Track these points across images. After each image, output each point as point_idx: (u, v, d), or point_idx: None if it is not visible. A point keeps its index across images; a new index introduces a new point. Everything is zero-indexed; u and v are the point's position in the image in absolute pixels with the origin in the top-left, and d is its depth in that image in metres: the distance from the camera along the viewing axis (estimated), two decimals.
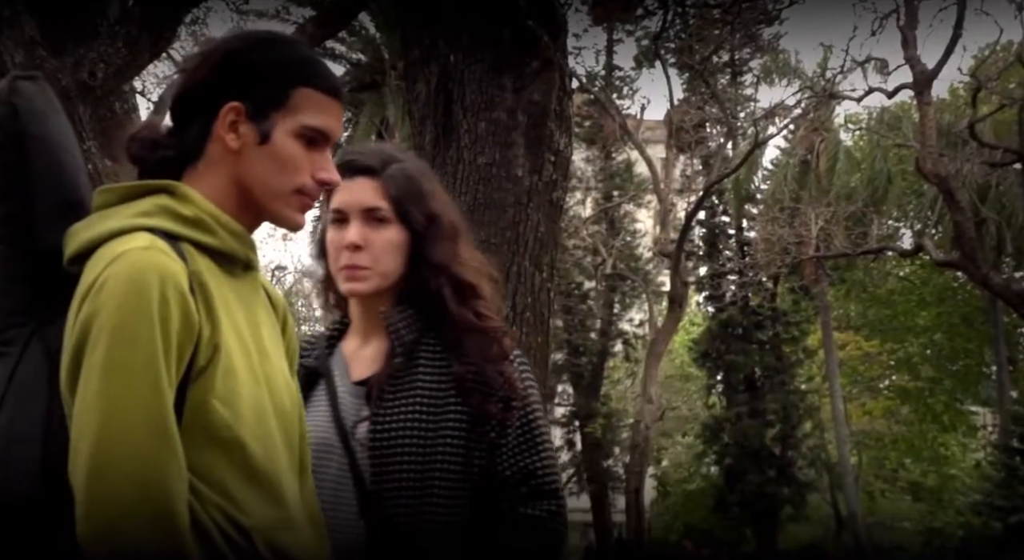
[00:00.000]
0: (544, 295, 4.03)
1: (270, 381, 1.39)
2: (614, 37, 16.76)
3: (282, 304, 1.56)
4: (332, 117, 1.42)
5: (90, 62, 5.04)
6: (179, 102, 1.43)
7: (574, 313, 19.26)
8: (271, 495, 1.35)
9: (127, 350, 1.22)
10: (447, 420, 1.70)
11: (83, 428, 1.21)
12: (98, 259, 1.28)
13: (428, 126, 4.04)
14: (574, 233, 16.91)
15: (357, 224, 1.75)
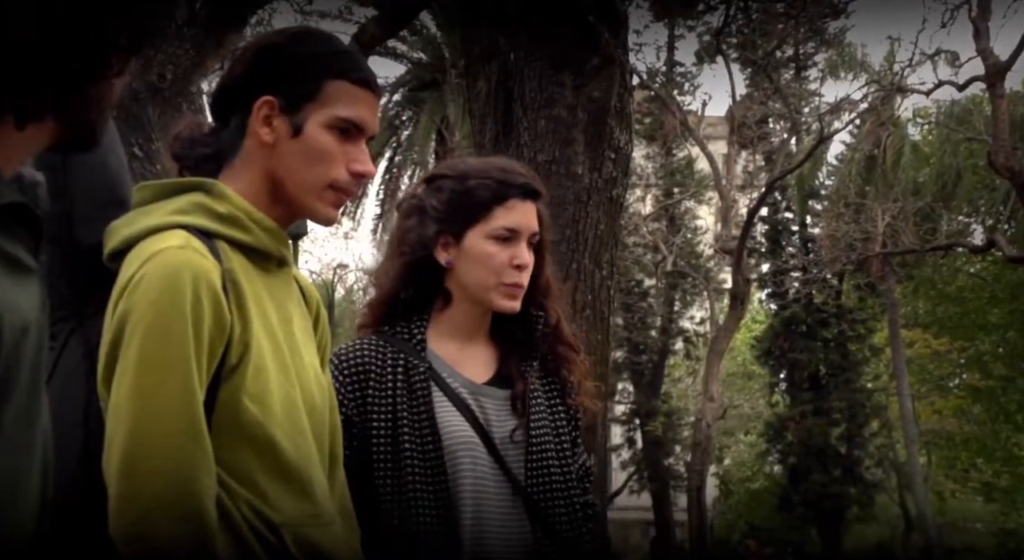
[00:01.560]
0: (604, 293, 4.02)
1: (301, 377, 1.40)
2: (675, 33, 16.61)
3: (315, 298, 1.57)
4: (365, 108, 1.41)
5: (159, 64, 5.15)
6: (217, 99, 1.45)
7: (634, 311, 19.16)
8: (301, 491, 1.36)
9: (160, 348, 1.24)
10: (560, 421, 1.85)
11: (116, 424, 1.23)
12: (135, 256, 1.30)
13: (488, 124, 4.05)
14: (634, 230, 16.81)
15: (525, 246, 1.81)
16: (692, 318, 20.48)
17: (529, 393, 1.81)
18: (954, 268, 20.28)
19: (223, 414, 1.29)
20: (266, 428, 1.31)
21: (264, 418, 1.31)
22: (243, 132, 1.40)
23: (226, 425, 1.29)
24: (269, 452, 1.32)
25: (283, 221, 1.42)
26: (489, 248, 1.78)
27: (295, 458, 1.35)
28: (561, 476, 1.78)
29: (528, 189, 1.82)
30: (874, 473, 19.58)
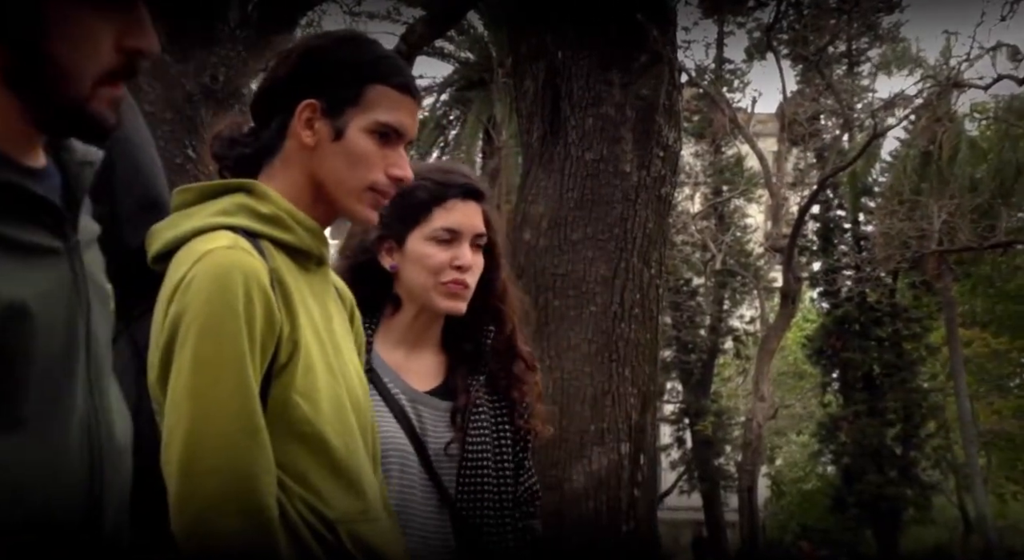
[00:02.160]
0: (652, 292, 3.99)
1: (345, 375, 1.41)
2: (725, 29, 16.48)
3: (349, 297, 1.59)
4: (405, 114, 1.43)
5: (211, 66, 5.22)
6: (259, 101, 1.47)
7: (683, 310, 19.04)
8: (352, 488, 1.37)
9: (214, 347, 1.25)
10: (506, 441, 1.83)
11: (174, 424, 1.25)
12: (183, 257, 1.31)
13: (536, 123, 4.05)
14: (682, 229, 16.70)
15: (467, 247, 1.79)
16: (742, 317, 20.30)
17: (472, 408, 1.79)
18: (1013, 266, 19.85)
19: (275, 412, 1.30)
20: (316, 425, 1.33)
21: (314, 416, 1.33)
22: (284, 134, 1.42)
23: (278, 423, 1.30)
24: (320, 449, 1.33)
25: (322, 221, 1.44)
26: (429, 249, 1.77)
27: (345, 455, 1.36)
28: (496, 495, 1.77)
29: (468, 189, 1.81)
30: (931, 474, 19.25)
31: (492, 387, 1.85)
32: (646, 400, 3.99)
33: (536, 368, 1.92)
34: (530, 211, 4.01)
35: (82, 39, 0.93)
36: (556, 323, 3.90)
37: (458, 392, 1.79)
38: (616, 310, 3.89)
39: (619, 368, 3.88)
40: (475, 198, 1.82)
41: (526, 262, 4.00)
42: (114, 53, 0.95)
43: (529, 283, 3.97)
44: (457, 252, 1.78)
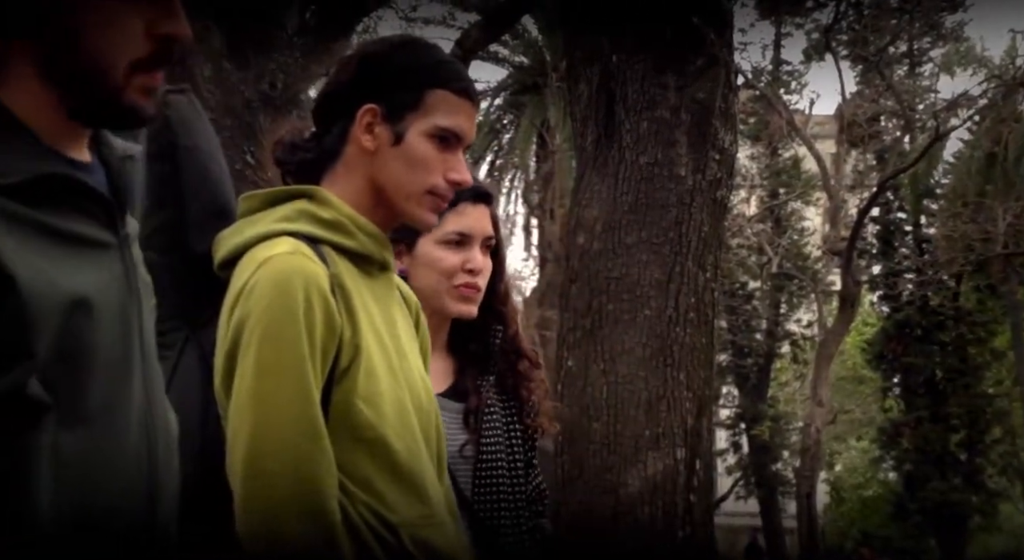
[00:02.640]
0: (708, 295, 3.96)
1: (408, 379, 1.42)
2: (782, 31, 16.27)
3: (415, 302, 1.60)
4: (464, 118, 1.44)
5: (270, 73, 5.30)
6: (320, 106, 1.48)
7: (738, 313, 18.83)
8: (415, 492, 1.38)
9: (276, 352, 1.27)
10: (516, 440, 1.84)
11: (238, 428, 1.27)
12: (246, 264, 1.33)
13: (590, 126, 4.04)
14: (738, 232, 16.52)
15: (478, 250, 1.81)
16: (799, 321, 20.02)
17: (484, 408, 1.80)
18: None
19: (337, 416, 1.31)
20: (378, 429, 1.34)
21: (376, 419, 1.34)
22: (345, 139, 1.44)
23: (340, 427, 1.31)
24: (382, 453, 1.34)
25: (384, 225, 1.46)
26: (440, 253, 1.79)
27: (407, 459, 1.37)
28: (511, 495, 1.78)
29: (478, 192, 1.82)
30: (998, 481, 18.78)
31: (500, 387, 1.87)
32: (702, 404, 3.96)
33: (541, 365, 1.94)
34: (584, 215, 4.01)
35: (113, 28, 0.94)
36: (610, 327, 3.88)
37: (469, 394, 1.81)
38: (671, 314, 3.86)
39: (674, 372, 3.85)
40: (484, 201, 1.84)
41: (580, 266, 3.99)
42: (146, 40, 0.96)
43: (583, 287, 3.96)
44: (468, 255, 1.79)
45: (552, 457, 3.85)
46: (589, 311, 3.92)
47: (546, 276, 14.69)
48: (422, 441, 1.42)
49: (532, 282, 16.71)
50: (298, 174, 1.47)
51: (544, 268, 15.29)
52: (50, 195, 0.94)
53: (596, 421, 3.84)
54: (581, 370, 3.90)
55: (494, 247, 1.85)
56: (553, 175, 14.67)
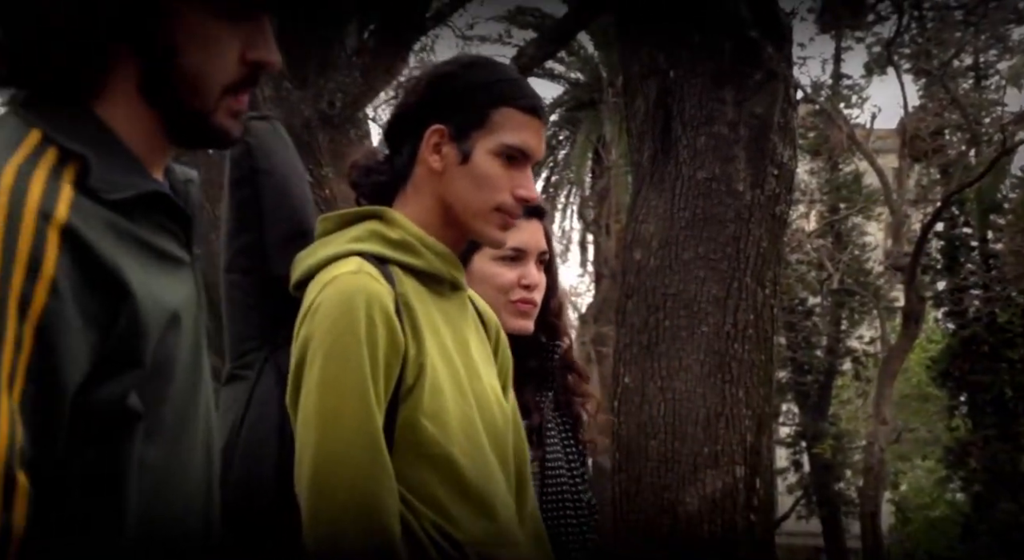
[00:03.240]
0: (767, 312, 3.92)
1: (480, 398, 1.43)
2: (842, 45, 16.08)
3: (494, 322, 1.61)
4: (531, 135, 1.45)
5: (329, 92, 5.38)
6: (391, 128, 1.51)
7: (798, 330, 18.56)
8: (483, 510, 1.38)
9: (338, 370, 1.30)
10: (573, 455, 1.85)
11: (303, 445, 1.30)
12: (315, 284, 1.37)
13: (646, 142, 4.03)
14: (797, 247, 16.31)
15: (533, 265, 1.82)
16: (861, 337, 19.67)
17: (545, 425, 1.79)
18: None
19: (403, 434, 1.33)
20: (444, 447, 1.35)
21: (441, 437, 1.35)
22: (414, 160, 1.46)
23: (406, 445, 1.33)
24: (448, 470, 1.36)
25: (455, 244, 1.47)
26: (496, 269, 1.79)
27: (474, 476, 1.38)
28: (574, 511, 1.77)
29: (532, 208, 1.81)
30: None
31: (555, 402, 1.88)
32: (761, 422, 3.91)
33: (589, 379, 1.94)
34: (640, 230, 3.99)
35: (212, 51, 0.98)
36: (667, 343, 3.86)
37: (530, 410, 1.80)
38: (729, 330, 3.83)
39: (733, 389, 3.81)
40: (537, 216, 1.85)
41: (636, 282, 3.97)
42: (239, 65, 1.00)
43: (640, 303, 3.94)
44: (524, 271, 1.80)
45: (609, 474, 3.83)
46: (646, 327, 3.90)
47: (602, 292, 14.65)
48: (494, 460, 1.42)
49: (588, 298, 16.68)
50: (372, 196, 1.49)
51: (600, 284, 15.25)
52: (144, 213, 0.97)
53: (653, 438, 3.81)
54: (638, 387, 3.88)
55: (547, 262, 1.85)
56: (609, 191, 14.65)
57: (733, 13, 3.86)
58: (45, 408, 0.86)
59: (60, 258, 0.87)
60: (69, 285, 0.87)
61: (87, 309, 0.88)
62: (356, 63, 5.62)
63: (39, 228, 0.87)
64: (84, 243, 0.88)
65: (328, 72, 5.43)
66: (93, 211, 0.91)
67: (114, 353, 0.90)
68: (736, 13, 3.86)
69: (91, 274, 0.88)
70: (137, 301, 0.91)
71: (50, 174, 0.91)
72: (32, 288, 0.85)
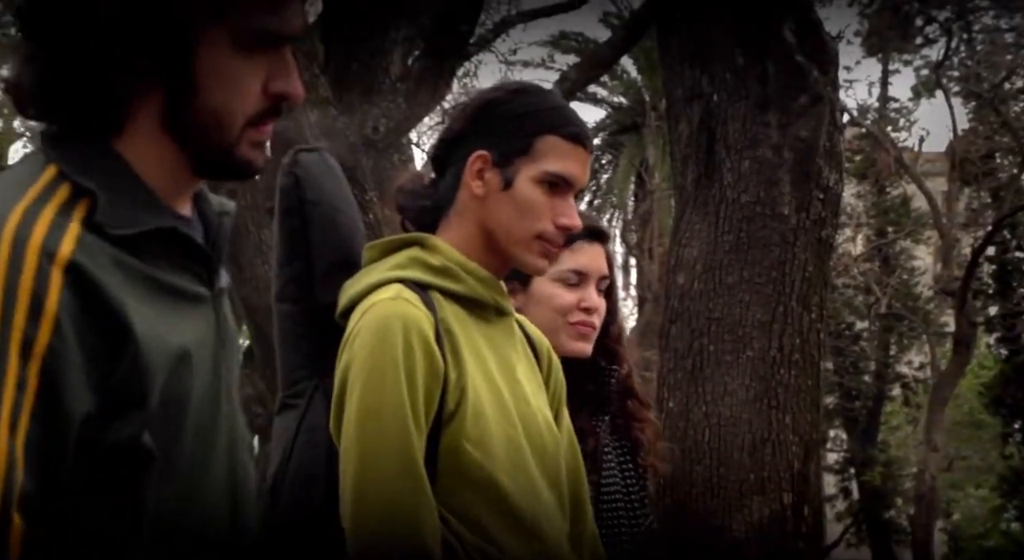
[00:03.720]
0: (813, 336, 3.87)
1: (527, 422, 1.42)
2: (889, 68, 15.95)
3: (545, 346, 1.60)
4: (575, 163, 1.44)
5: (373, 118, 5.44)
6: (436, 153, 1.51)
7: (845, 355, 18.31)
8: (531, 532, 1.38)
9: (377, 396, 1.31)
10: (631, 480, 1.84)
11: (345, 471, 1.31)
12: (357, 311, 1.38)
13: (690, 166, 4.02)
14: (844, 271, 16.12)
15: (594, 288, 1.81)
16: (910, 363, 19.35)
17: (602, 449, 1.78)
18: None
19: (447, 459, 1.34)
20: (488, 471, 1.35)
21: (486, 462, 1.35)
22: (457, 185, 1.46)
23: (450, 470, 1.34)
24: (492, 495, 1.36)
25: (497, 270, 1.47)
26: (556, 291, 1.78)
27: (520, 499, 1.38)
28: (630, 537, 1.76)
29: (594, 231, 1.82)
30: None
31: (612, 427, 1.87)
32: (809, 448, 3.86)
33: (651, 406, 1.93)
34: (684, 254, 3.97)
35: (234, 86, 0.98)
36: (712, 368, 3.83)
37: (586, 434, 1.79)
38: (775, 355, 3.79)
39: (779, 415, 3.77)
40: (600, 240, 1.84)
41: (680, 306, 3.95)
42: (261, 97, 1.00)
43: (683, 327, 3.92)
44: (584, 294, 1.80)
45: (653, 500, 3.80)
46: (690, 352, 3.87)
47: (645, 316, 14.57)
48: (543, 482, 1.42)
49: (631, 322, 16.61)
50: (416, 220, 1.50)
51: (643, 308, 15.18)
52: (159, 249, 0.97)
53: (698, 464, 3.77)
54: (683, 412, 3.85)
55: (608, 287, 1.85)
56: (652, 214, 14.62)
57: (778, 37, 3.85)
58: (51, 448, 0.86)
59: (63, 296, 0.87)
60: (72, 323, 0.87)
61: (91, 347, 0.88)
62: (400, 89, 5.68)
63: (41, 267, 0.87)
64: (88, 280, 0.89)
65: (372, 98, 5.50)
66: (100, 248, 0.92)
67: (120, 392, 0.90)
68: (781, 37, 3.85)
69: (95, 312, 0.89)
70: (139, 340, 0.91)
71: (59, 211, 0.91)
72: (35, 328, 0.85)
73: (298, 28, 1.00)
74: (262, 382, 7.78)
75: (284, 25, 0.99)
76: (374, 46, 5.71)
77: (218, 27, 0.96)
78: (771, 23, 3.86)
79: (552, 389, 1.57)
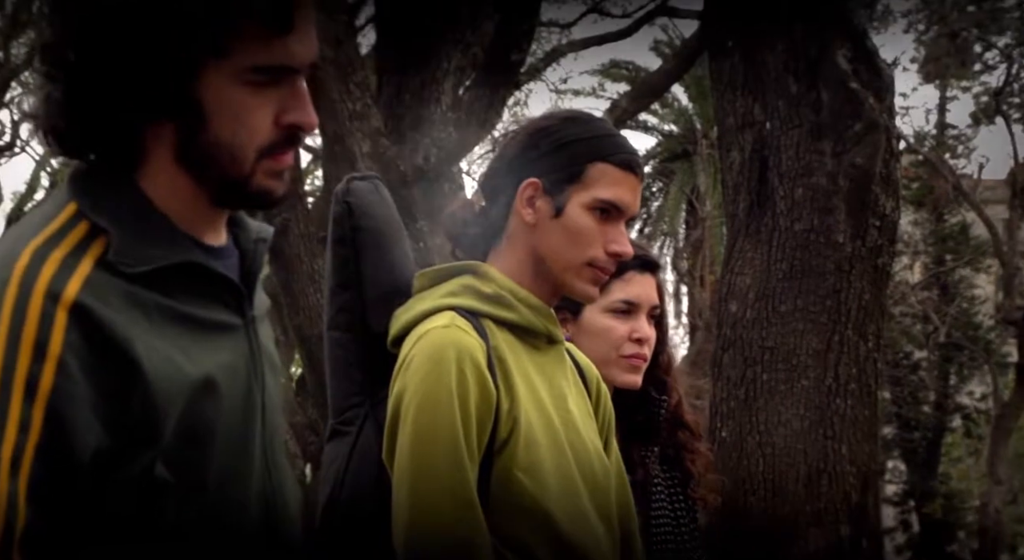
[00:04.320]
0: (870, 366, 3.81)
1: (578, 451, 1.42)
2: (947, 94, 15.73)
3: (595, 375, 1.59)
4: (626, 190, 1.44)
5: (425, 147, 5.49)
6: (487, 180, 1.52)
7: (903, 384, 17.95)
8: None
9: (429, 424, 1.31)
10: (682, 512, 1.82)
11: (398, 499, 1.31)
12: (409, 339, 1.38)
13: (742, 193, 3.99)
14: (901, 300, 15.84)
15: (645, 319, 1.80)
16: (971, 393, 18.92)
17: (651, 481, 1.77)
18: None
19: (498, 487, 1.33)
20: (540, 501, 1.34)
21: (537, 490, 1.35)
22: (508, 212, 1.47)
23: (501, 498, 1.33)
24: (543, 523, 1.35)
25: (548, 298, 1.47)
26: (607, 322, 1.77)
27: (571, 529, 1.37)
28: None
29: (646, 261, 1.81)
30: None
31: (662, 457, 1.86)
32: (867, 479, 3.79)
33: (702, 436, 1.91)
34: (736, 283, 3.94)
35: (241, 118, 0.99)
36: (765, 398, 3.78)
37: (635, 465, 1.78)
38: (830, 384, 3.73)
39: (835, 445, 3.71)
40: (651, 270, 1.83)
41: (732, 334, 3.91)
42: (273, 128, 1.01)
43: (736, 356, 3.88)
44: (635, 325, 1.79)
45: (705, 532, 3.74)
46: (743, 381, 3.83)
47: (696, 344, 14.44)
48: (593, 513, 1.41)
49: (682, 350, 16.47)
50: (467, 248, 1.51)
51: (694, 336, 15.05)
52: (181, 281, 0.99)
53: (752, 495, 3.71)
54: (736, 442, 3.80)
55: (658, 316, 1.84)
56: (703, 242, 14.53)
57: (832, 65, 3.82)
58: (58, 486, 0.87)
59: (67, 336, 0.88)
60: (79, 363, 0.88)
61: (99, 384, 0.89)
62: (451, 119, 5.73)
63: (45, 309, 0.88)
64: (94, 319, 0.90)
65: (424, 128, 5.55)
66: (111, 285, 0.93)
67: (132, 426, 0.91)
68: (835, 65, 3.82)
69: (101, 350, 0.90)
70: (150, 374, 0.92)
71: (71, 251, 0.93)
72: (39, 368, 0.87)
73: (305, 59, 1.01)
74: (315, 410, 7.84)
75: (289, 58, 1.00)
76: (426, 76, 5.77)
77: (221, 61, 0.97)
78: (825, 51, 3.84)
79: (601, 418, 1.56)
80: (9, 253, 0.92)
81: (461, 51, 6.01)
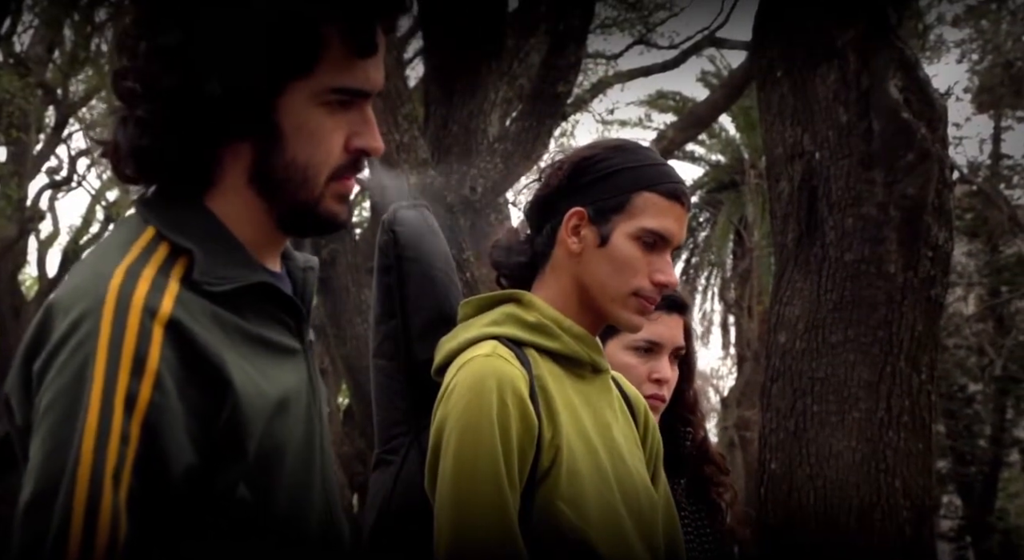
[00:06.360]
0: (923, 398, 3.74)
1: (622, 482, 1.40)
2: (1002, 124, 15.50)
3: (642, 404, 1.58)
4: (672, 220, 1.43)
5: (471, 178, 5.53)
6: (533, 209, 1.52)
7: (958, 418, 17.56)
8: None
9: (471, 453, 1.30)
10: (708, 545, 1.81)
11: (439, 528, 1.30)
12: (452, 367, 1.38)
13: (791, 224, 3.96)
14: (955, 331, 15.55)
15: (666, 359, 1.80)
16: None
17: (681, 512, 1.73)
18: None
19: (540, 518, 1.32)
20: (582, 533, 1.33)
21: (579, 521, 1.33)
22: (553, 241, 1.46)
23: (543, 528, 1.32)
24: (586, 556, 1.33)
25: (592, 327, 1.46)
26: (628, 359, 1.76)
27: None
28: None
29: (672, 302, 1.78)
30: None
31: (688, 490, 1.84)
32: (921, 514, 3.70)
33: (728, 470, 1.90)
34: (785, 313, 3.90)
35: (317, 139, 1.01)
36: (816, 429, 3.72)
37: None
38: (883, 416, 3.67)
39: (888, 478, 3.63)
40: (679, 310, 1.82)
41: (782, 365, 3.86)
42: (343, 152, 1.03)
43: (785, 387, 3.83)
44: (656, 365, 1.78)
45: None
46: (793, 412, 3.78)
47: (744, 375, 14.29)
48: (639, 545, 1.39)
49: (730, 381, 16.29)
50: (512, 277, 1.51)
51: (742, 366, 14.89)
52: (252, 303, 1.00)
53: (803, 528, 3.65)
54: (785, 474, 3.74)
55: (684, 355, 1.84)
56: (751, 272, 14.40)
57: (883, 94, 3.79)
58: (153, 500, 0.88)
59: (164, 352, 0.90)
60: (173, 379, 0.90)
61: (191, 401, 0.91)
62: (498, 149, 5.77)
63: (144, 324, 0.90)
64: (188, 336, 0.92)
65: (471, 159, 5.59)
66: (198, 304, 0.94)
67: (221, 443, 0.93)
68: (886, 94, 3.79)
69: (195, 367, 0.91)
70: (239, 393, 0.93)
71: (159, 270, 0.95)
72: (138, 383, 0.88)
73: (377, 83, 1.03)
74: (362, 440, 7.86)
75: (365, 81, 1.02)
76: (473, 108, 5.82)
77: (302, 83, 0.99)
78: (876, 80, 3.81)
79: (649, 448, 1.54)
80: (99, 273, 0.94)
81: (508, 83, 6.06)
